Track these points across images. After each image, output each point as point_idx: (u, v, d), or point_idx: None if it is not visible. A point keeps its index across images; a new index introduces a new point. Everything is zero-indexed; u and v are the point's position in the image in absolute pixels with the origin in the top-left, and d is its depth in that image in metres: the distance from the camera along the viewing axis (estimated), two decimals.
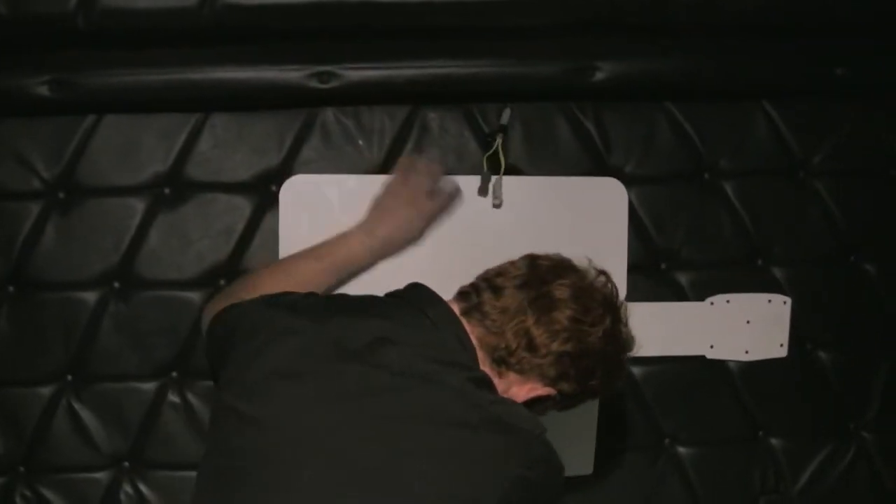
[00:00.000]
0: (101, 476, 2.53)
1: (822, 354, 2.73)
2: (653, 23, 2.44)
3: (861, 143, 2.67)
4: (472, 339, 1.85)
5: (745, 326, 2.65)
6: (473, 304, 1.89)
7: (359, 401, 1.72)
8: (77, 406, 2.50)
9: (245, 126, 2.45)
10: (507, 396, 1.86)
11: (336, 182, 2.43)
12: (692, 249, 2.62)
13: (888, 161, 2.69)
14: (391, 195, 2.31)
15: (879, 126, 2.67)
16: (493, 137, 2.44)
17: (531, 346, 1.84)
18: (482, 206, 2.45)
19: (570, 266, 1.95)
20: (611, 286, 1.97)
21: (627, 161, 2.56)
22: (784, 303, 2.66)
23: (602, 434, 2.62)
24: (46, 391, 2.49)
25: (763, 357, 2.68)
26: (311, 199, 2.43)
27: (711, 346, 2.65)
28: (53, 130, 2.41)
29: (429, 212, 2.33)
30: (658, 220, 2.59)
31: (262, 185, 2.45)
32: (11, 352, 2.46)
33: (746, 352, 2.67)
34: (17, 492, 2.51)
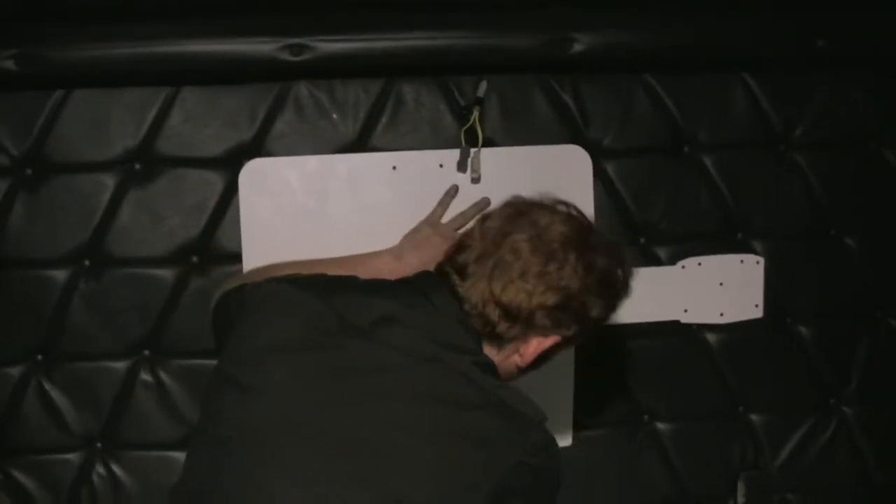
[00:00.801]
0: (73, 457, 2.50)
1: (802, 328, 2.73)
2: None
3: (841, 116, 2.66)
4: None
5: (719, 289, 2.64)
6: (450, 287, 1.84)
7: (361, 377, 1.70)
8: (48, 386, 2.46)
9: (216, 100, 2.41)
10: (518, 359, 1.85)
11: (296, 164, 2.41)
12: (671, 223, 2.60)
13: (868, 134, 2.68)
14: (430, 226, 2.30)
15: (860, 98, 2.65)
16: (470, 110, 2.41)
17: (509, 314, 1.79)
18: (460, 181, 2.42)
19: (523, 212, 1.86)
20: (563, 216, 1.87)
21: (606, 134, 2.54)
22: (757, 263, 2.65)
23: (581, 410, 2.62)
24: (16, 371, 2.46)
25: (739, 319, 2.67)
26: (272, 183, 2.40)
27: (685, 311, 2.64)
28: (20, 105, 2.36)
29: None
30: (637, 194, 2.58)
31: (235, 160, 2.42)
32: None
33: (721, 314, 2.66)
34: None
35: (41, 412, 2.47)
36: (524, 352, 1.84)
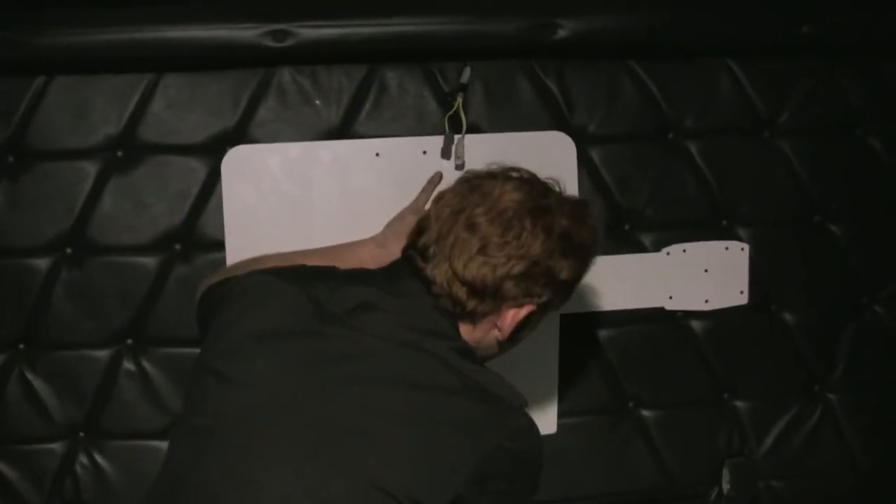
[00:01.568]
0: (56, 447, 2.49)
1: (787, 315, 2.73)
2: None
3: (827, 103, 2.65)
4: None
5: (704, 275, 2.64)
6: (416, 272, 1.83)
7: (339, 363, 1.70)
8: (30, 375, 2.45)
9: (199, 87, 2.39)
10: (497, 333, 1.84)
11: (279, 151, 2.40)
12: (656, 210, 2.60)
13: (854, 120, 2.68)
14: (413, 214, 2.26)
15: (845, 85, 2.65)
16: (454, 97, 2.41)
17: (478, 291, 1.77)
18: (444, 168, 2.41)
19: (471, 189, 1.83)
20: (516, 183, 1.84)
21: (590, 120, 2.53)
22: (742, 249, 2.65)
23: (565, 397, 2.62)
24: None
25: (724, 305, 2.67)
26: (255, 170, 2.39)
27: (670, 297, 2.64)
28: (1, 92, 2.34)
29: None
30: (621, 181, 2.57)
31: (217, 147, 2.40)
32: None
33: (706, 301, 2.66)
34: None
35: (23, 402, 2.45)
36: (501, 325, 1.83)
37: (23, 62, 2.30)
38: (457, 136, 2.40)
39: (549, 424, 2.60)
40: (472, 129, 2.43)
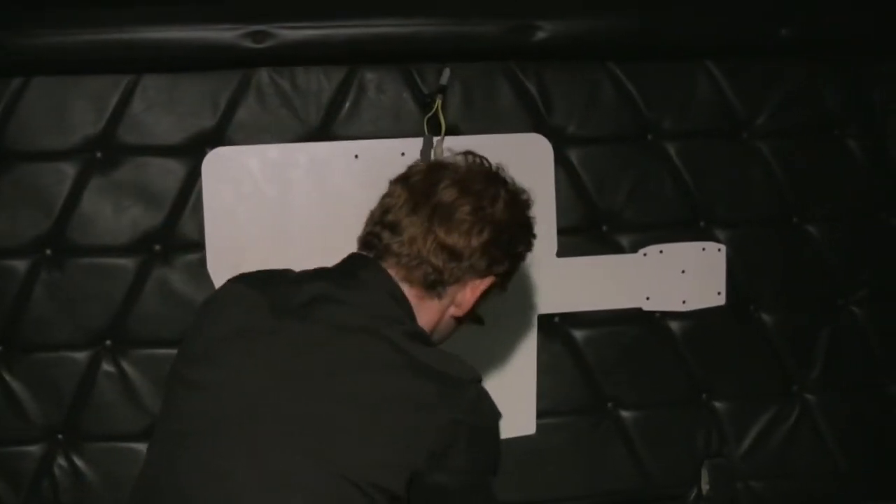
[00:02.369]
0: (35, 449, 2.47)
1: (765, 316, 2.74)
2: None
3: (804, 104, 2.67)
4: (404, 290, 1.86)
5: (681, 276, 2.65)
6: (382, 250, 1.89)
7: (297, 356, 1.73)
8: (8, 378, 2.44)
9: (178, 88, 2.40)
10: (456, 306, 1.91)
11: (259, 152, 2.41)
12: (634, 211, 2.61)
13: (831, 122, 2.69)
14: None
15: (823, 87, 2.67)
16: (433, 98, 2.41)
17: (454, 255, 1.85)
18: None
19: (439, 166, 1.98)
20: (481, 160, 1.99)
21: (569, 121, 2.54)
22: (719, 250, 2.66)
23: (544, 398, 2.62)
24: None
25: (701, 306, 2.68)
26: (234, 172, 2.40)
27: (648, 298, 2.65)
28: None
29: None
30: (600, 182, 2.58)
31: (197, 149, 2.41)
32: None
33: (684, 301, 2.67)
34: None
35: (1, 404, 2.44)
36: (461, 300, 1.90)
37: (0, 63, 2.29)
38: (436, 138, 2.40)
39: (528, 425, 2.61)
40: (451, 131, 2.44)
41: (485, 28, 2.39)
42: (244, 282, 1.91)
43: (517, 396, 2.56)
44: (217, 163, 2.39)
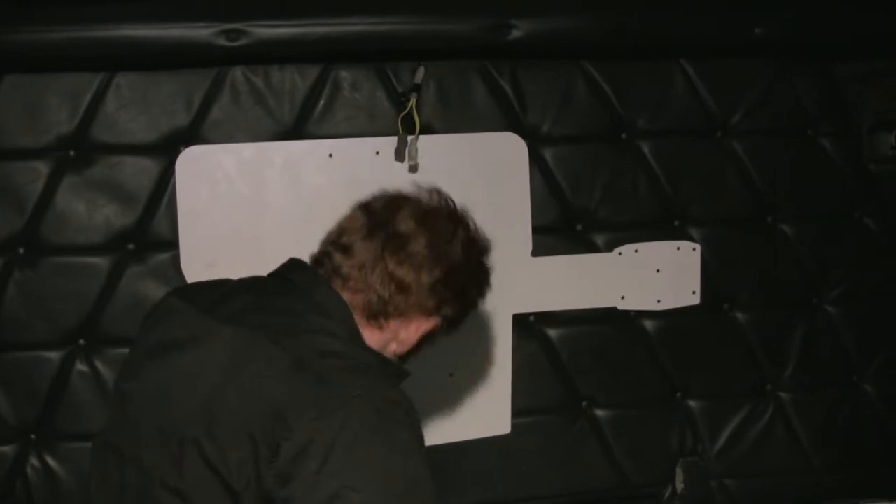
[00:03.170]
0: (7, 449, 2.46)
1: (739, 315, 2.75)
2: None
3: (779, 104, 2.68)
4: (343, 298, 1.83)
5: (656, 275, 2.66)
6: (330, 270, 1.85)
7: (202, 359, 1.73)
8: None
9: (152, 86, 2.39)
10: (398, 343, 1.86)
11: (233, 151, 2.40)
12: (609, 210, 2.61)
13: (805, 121, 2.70)
14: None
15: (797, 86, 2.68)
16: (407, 97, 2.41)
17: (402, 288, 1.80)
18: (398, 170, 2.42)
19: (402, 197, 1.90)
20: (446, 199, 1.91)
21: (544, 120, 2.54)
22: (693, 249, 2.67)
23: (519, 397, 2.62)
24: None
25: (676, 305, 2.69)
26: (209, 170, 2.39)
27: (623, 297, 2.66)
28: None
29: None
30: (574, 181, 2.58)
31: (171, 147, 2.40)
32: None
33: (659, 301, 2.68)
34: None
35: None
36: (404, 337, 1.86)
37: None
38: (410, 137, 2.40)
39: (503, 424, 2.61)
40: (426, 130, 2.44)
41: (459, 27, 2.39)
42: (177, 295, 1.91)
43: (492, 396, 2.56)
44: (191, 161, 2.38)
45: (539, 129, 2.53)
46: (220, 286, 1.92)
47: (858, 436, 2.87)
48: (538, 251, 2.55)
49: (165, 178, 2.40)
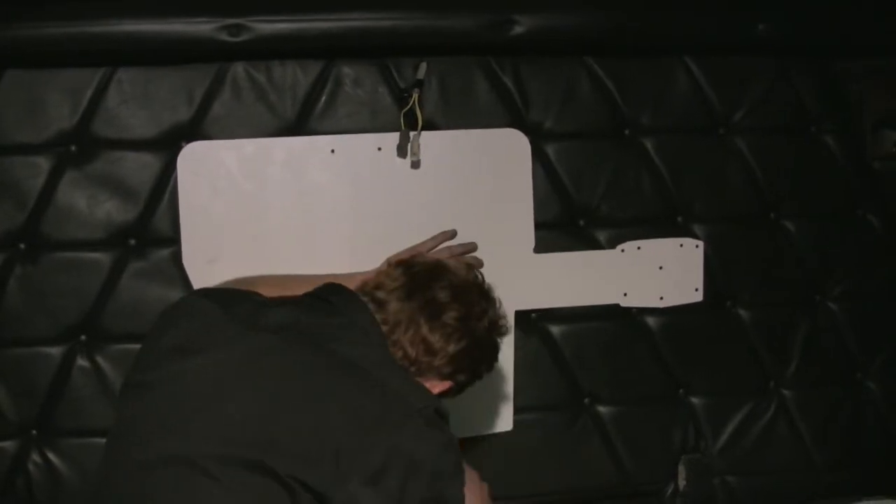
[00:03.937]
0: (8, 445, 2.45)
1: (742, 312, 2.75)
2: None
3: (782, 101, 2.67)
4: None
5: (659, 272, 2.66)
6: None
7: (245, 364, 1.79)
8: None
9: (153, 81, 2.38)
10: None
11: (235, 147, 2.40)
12: (611, 206, 2.61)
13: (808, 118, 2.70)
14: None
15: (800, 83, 2.68)
16: (409, 93, 2.40)
17: (430, 351, 1.92)
18: (400, 166, 2.42)
19: (443, 267, 2.03)
20: (481, 277, 2.07)
21: (546, 117, 2.54)
22: (696, 246, 2.67)
23: (521, 394, 2.62)
24: None
25: (679, 302, 2.69)
26: (210, 166, 2.39)
27: (625, 294, 2.65)
28: None
29: None
30: (577, 177, 2.58)
31: (172, 143, 2.39)
32: None
33: (661, 298, 2.67)
34: None
35: None
36: None
37: None
38: (412, 133, 2.39)
39: (505, 421, 2.61)
40: (428, 126, 2.43)
41: (462, 22, 2.38)
42: (208, 297, 1.95)
43: (494, 393, 2.56)
44: (192, 157, 2.38)
45: (542, 126, 2.53)
46: (250, 297, 1.98)
47: (861, 433, 2.86)
48: (540, 248, 2.54)
49: (167, 174, 2.39)
